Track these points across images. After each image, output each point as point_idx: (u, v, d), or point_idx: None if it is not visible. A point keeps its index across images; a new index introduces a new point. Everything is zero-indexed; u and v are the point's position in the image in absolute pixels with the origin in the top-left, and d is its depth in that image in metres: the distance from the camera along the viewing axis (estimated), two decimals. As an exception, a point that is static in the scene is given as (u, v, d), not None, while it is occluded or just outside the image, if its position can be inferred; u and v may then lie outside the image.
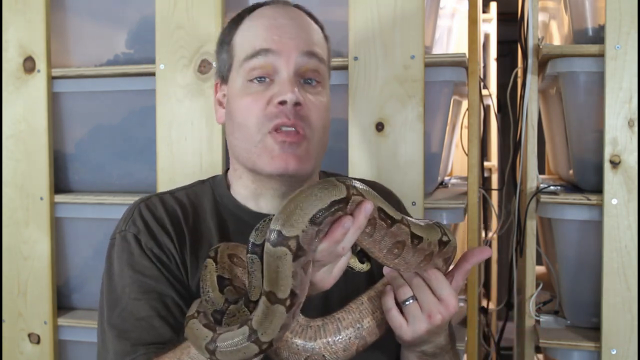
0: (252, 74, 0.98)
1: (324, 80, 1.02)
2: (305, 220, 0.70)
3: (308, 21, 1.04)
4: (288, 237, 0.70)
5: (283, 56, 0.97)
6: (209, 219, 1.04)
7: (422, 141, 1.45)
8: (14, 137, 1.67)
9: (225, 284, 0.83)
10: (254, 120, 0.97)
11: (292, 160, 0.96)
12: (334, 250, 0.75)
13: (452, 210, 1.53)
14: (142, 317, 0.94)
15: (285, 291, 0.72)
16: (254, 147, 0.98)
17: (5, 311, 1.69)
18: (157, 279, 0.97)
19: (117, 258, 1.00)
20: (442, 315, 0.85)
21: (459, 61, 1.51)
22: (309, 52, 0.99)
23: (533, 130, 1.57)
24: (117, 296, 0.97)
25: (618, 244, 1.40)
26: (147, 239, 0.99)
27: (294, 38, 0.98)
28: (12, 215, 1.67)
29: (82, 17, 1.72)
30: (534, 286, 1.56)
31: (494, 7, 2.99)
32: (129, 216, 1.03)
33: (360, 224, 0.74)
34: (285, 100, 0.95)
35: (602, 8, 1.44)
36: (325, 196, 0.71)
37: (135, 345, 0.92)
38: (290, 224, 0.70)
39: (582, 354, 1.48)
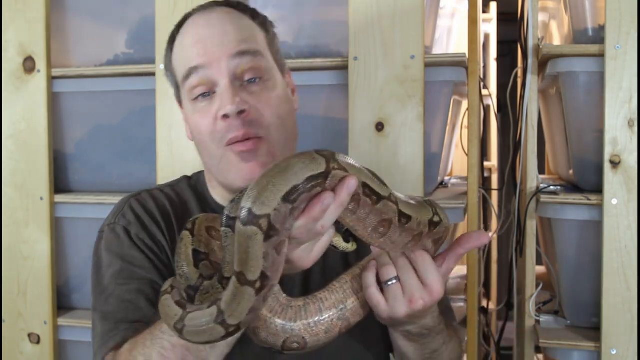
0: (194, 93, 0.98)
1: (268, 72, 1.00)
2: (278, 197, 0.65)
3: (235, 18, 1.01)
4: (259, 216, 0.65)
5: (213, 66, 0.96)
6: (196, 213, 1.05)
7: (422, 141, 1.45)
8: (14, 137, 1.66)
9: (200, 258, 0.79)
10: (208, 138, 0.98)
11: (257, 168, 0.95)
12: (312, 228, 0.70)
13: (452, 210, 1.52)
14: (128, 299, 0.94)
15: (255, 273, 0.67)
16: (219, 164, 0.99)
17: (5, 311, 1.69)
18: (147, 268, 0.98)
19: (106, 250, 1.00)
20: (424, 301, 0.81)
21: (459, 61, 1.51)
22: (239, 52, 0.97)
23: (533, 130, 1.57)
24: (104, 286, 0.98)
25: (618, 244, 1.40)
26: (138, 229, 1.00)
27: (217, 45, 0.97)
28: (12, 215, 1.67)
29: (82, 17, 1.72)
30: (534, 286, 1.56)
31: (494, 7, 2.99)
32: (119, 210, 1.04)
33: (342, 201, 0.68)
34: (227, 114, 0.94)
35: (602, 8, 1.44)
36: (301, 171, 0.66)
37: (118, 323, 0.92)
38: (262, 201, 0.65)
39: (582, 354, 1.48)
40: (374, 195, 0.71)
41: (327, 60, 1.51)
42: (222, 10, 1.02)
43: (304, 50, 1.57)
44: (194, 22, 1.02)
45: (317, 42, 1.58)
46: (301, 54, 1.56)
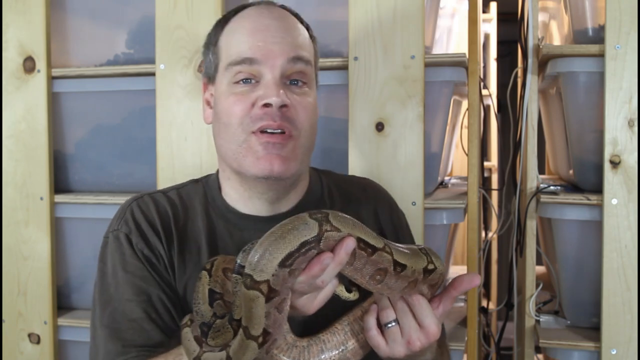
0: (238, 77, 0.98)
1: (310, 81, 1.03)
2: (274, 264, 0.71)
3: (293, 22, 1.03)
4: (259, 282, 0.72)
5: (267, 64, 0.97)
6: (199, 220, 1.04)
7: (422, 141, 1.45)
8: (14, 137, 1.66)
9: (215, 297, 0.84)
10: (238, 121, 0.97)
11: (276, 161, 0.95)
12: (313, 283, 0.75)
13: (452, 210, 1.53)
14: (134, 318, 0.95)
15: (258, 329, 0.74)
16: (238, 147, 0.98)
17: (5, 311, 1.69)
18: (147, 280, 0.98)
19: (110, 258, 1.00)
20: (421, 342, 0.85)
21: (459, 61, 1.51)
22: (295, 57, 0.98)
23: (533, 130, 1.57)
24: (109, 296, 0.98)
25: (618, 244, 1.40)
26: (137, 239, 1.00)
27: (278, 43, 0.98)
28: (12, 215, 1.67)
29: (82, 17, 1.72)
30: (534, 286, 1.56)
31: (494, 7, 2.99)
32: (122, 215, 1.04)
33: (340, 260, 0.74)
34: (270, 103, 0.95)
35: (602, 8, 1.44)
36: (294, 238, 0.72)
37: (126, 347, 0.93)
38: (260, 269, 0.71)
39: (582, 354, 1.48)
40: (369, 247, 0.77)
41: (327, 60, 1.51)
42: (282, 11, 1.04)
43: (304, 50, 1.57)
44: (257, 10, 1.02)
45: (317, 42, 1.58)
46: (301, 54, 1.56)
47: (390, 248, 0.79)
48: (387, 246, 0.79)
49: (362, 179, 1.23)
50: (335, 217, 0.74)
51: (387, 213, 1.15)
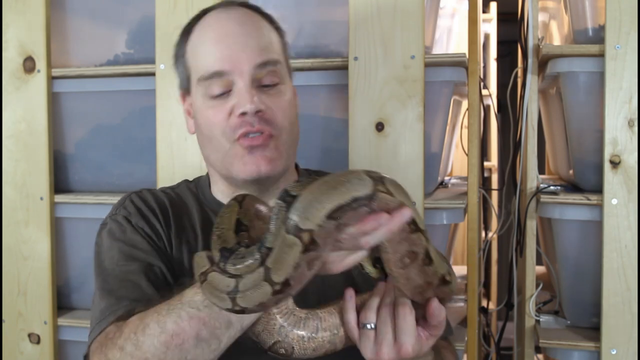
0: (212, 91, 1.00)
1: (282, 78, 1.03)
2: (322, 215, 0.67)
3: (256, 22, 1.03)
4: (302, 229, 0.67)
5: (235, 73, 0.98)
6: (194, 212, 1.08)
7: (422, 141, 1.45)
8: (14, 137, 1.66)
9: (242, 229, 0.81)
10: (219, 132, 1.00)
11: (262, 162, 0.99)
12: (357, 240, 0.72)
13: (452, 210, 1.53)
14: (129, 278, 0.95)
15: (281, 277, 0.70)
16: (225, 156, 1.01)
17: (5, 311, 1.69)
18: (147, 251, 0.99)
19: (108, 237, 1.02)
20: (389, 356, 0.81)
21: (459, 61, 1.51)
22: (262, 63, 0.99)
23: (533, 130, 1.57)
24: (104, 267, 0.98)
25: (618, 244, 1.40)
26: (138, 219, 1.02)
27: (244, 50, 0.99)
28: (12, 215, 1.67)
29: (82, 17, 1.72)
30: (534, 286, 1.56)
31: (494, 7, 2.98)
32: (121, 204, 1.07)
33: (394, 225, 0.71)
34: (245, 111, 0.97)
35: (602, 8, 1.44)
36: (347, 190, 0.68)
37: (119, 299, 0.92)
38: (306, 216, 0.67)
39: (582, 354, 1.48)
40: (412, 224, 0.74)
41: (327, 60, 1.51)
42: (244, 11, 1.04)
43: (304, 50, 1.57)
44: (216, 17, 1.03)
45: (317, 42, 1.58)
46: (301, 54, 1.56)
47: (428, 236, 0.77)
48: (427, 232, 0.77)
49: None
50: (390, 182, 0.72)
51: None
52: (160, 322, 0.80)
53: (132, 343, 0.81)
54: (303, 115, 1.57)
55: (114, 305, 0.91)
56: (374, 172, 0.71)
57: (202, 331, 0.79)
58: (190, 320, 0.79)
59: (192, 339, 0.79)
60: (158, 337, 0.79)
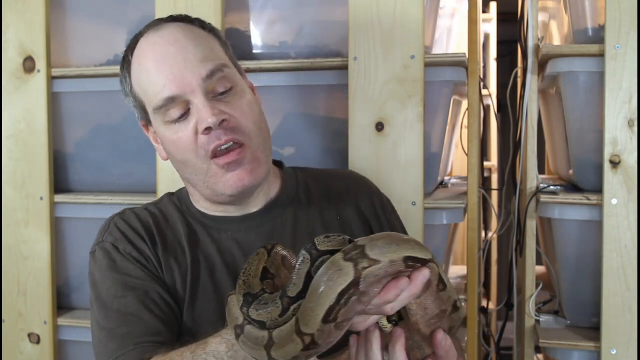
0: (170, 117, 0.98)
1: (235, 81, 1.01)
2: (318, 321, 0.69)
3: (190, 34, 1.01)
4: (304, 333, 0.70)
5: (187, 93, 0.96)
6: (179, 225, 1.07)
7: (422, 141, 1.45)
8: (14, 137, 1.66)
9: (268, 276, 0.81)
10: (192, 155, 0.99)
11: (245, 176, 0.98)
12: (382, 308, 0.73)
13: (452, 210, 1.53)
14: (130, 312, 0.95)
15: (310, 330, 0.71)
16: (205, 177, 1.00)
17: (5, 311, 1.69)
18: (142, 278, 0.99)
19: (99, 267, 1.02)
20: None
21: (459, 61, 1.51)
22: (209, 73, 0.97)
23: (533, 130, 1.57)
24: (103, 300, 0.98)
25: (618, 244, 1.40)
26: (125, 244, 1.02)
27: (187, 67, 0.96)
28: (12, 215, 1.67)
29: (82, 17, 1.72)
30: (534, 286, 1.56)
31: (494, 7, 2.98)
32: (105, 229, 1.06)
33: (416, 291, 0.72)
34: (208, 126, 0.95)
35: (602, 8, 1.44)
36: (331, 288, 0.68)
37: (124, 340, 0.92)
38: (305, 323, 0.70)
39: (582, 354, 1.48)
40: (418, 262, 0.73)
41: (327, 60, 1.51)
42: (174, 27, 1.01)
43: (304, 50, 1.57)
44: (150, 42, 1.00)
45: (317, 42, 1.58)
46: (301, 54, 1.56)
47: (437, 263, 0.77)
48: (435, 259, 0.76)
49: (343, 170, 1.23)
50: (377, 241, 0.70)
51: (367, 197, 1.14)
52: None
53: None
54: (303, 115, 1.58)
55: (122, 348, 0.91)
56: (352, 248, 0.69)
57: None
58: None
59: None
60: None
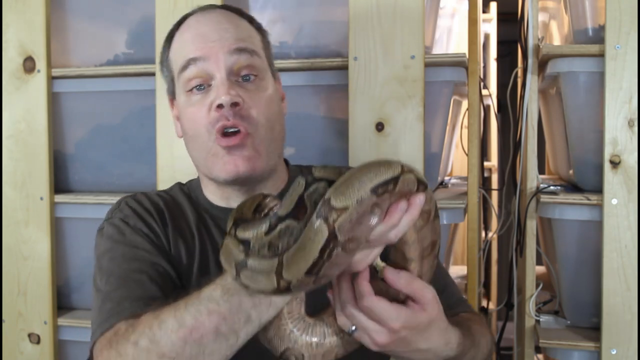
0: (190, 85, 1.02)
1: (262, 73, 1.04)
2: (367, 188, 0.69)
3: (233, 20, 1.05)
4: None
5: (212, 59, 1.00)
6: (188, 212, 1.08)
7: (422, 141, 1.45)
8: (14, 137, 1.66)
9: (259, 211, 0.82)
10: (202, 129, 1.01)
11: (240, 162, 0.99)
12: (386, 235, 0.73)
13: (452, 210, 1.53)
14: (131, 278, 0.94)
15: (289, 277, 0.70)
16: (207, 155, 1.02)
17: (5, 311, 1.69)
18: (149, 251, 0.99)
19: (107, 240, 1.02)
20: (385, 340, 0.79)
21: (459, 61, 1.51)
22: (237, 49, 1.00)
23: (533, 130, 1.57)
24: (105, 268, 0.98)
25: (618, 244, 1.40)
26: (135, 220, 1.03)
27: (218, 40, 1.01)
28: (12, 215, 1.67)
29: (82, 17, 1.72)
30: (534, 286, 1.56)
31: (494, 7, 2.98)
32: (116, 207, 1.07)
33: (416, 213, 0.74)
34: (221, 103, 0.98)
35: (602, 8, 1.44)
36: (311, 250, 0.68)
37: (122, 300, 0.91)
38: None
39: (582, 354, 1.48)
40: (389, 184, 0.73)
41: (327, 60, 1.51)
42: (221, 11, 1.07)
43: (304, 50, 1.57)
44: (195, 19, 1.06)
45: (317, 42, 1.58)
46: (301, 54, 1.56)
47: (421, 182, 0.78)
48: (418, 179, 0.78)
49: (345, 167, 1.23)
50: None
51: None
52: (178, 317, 0.79)
53: (147, 338, 0.79)
54: (303, 116, 1.58)
55: (117, 307, 0.90)
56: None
57: (221, 326, 0.79)
58: (210, 315, 0.78)
59: (211, 334, 0.78)
60: (176, 332, 0.79)
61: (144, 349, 0.79)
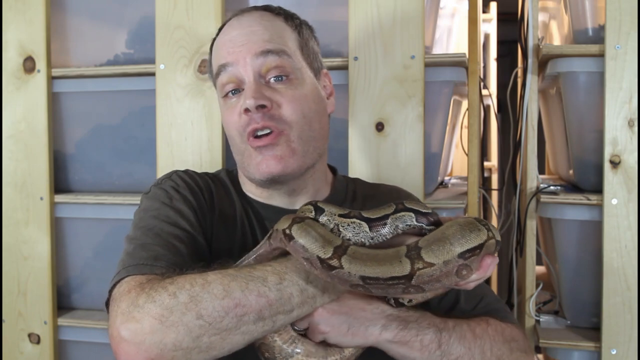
0: (225, 90, 1.04)
1: (295, 72, 1.03)
2: (457, 251, 0.74)
3: (265, 20, 1.05)
4: (425, 261, 0.74)
5: (240, 64, 1.01)
6: (235, 201, 1.08)
7: (422, 141, 1.45)
8: (14, 137, 1.66)
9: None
10: (235, 133, 1.02)
11: (272, 162, 0.99)
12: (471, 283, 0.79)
13: (452, 210, 1.52)
14: (171, 242, 0.92)
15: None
16: (242, 157, 1.03)
17: (5, 311, 1.69)
18: (193, 225, 0.97)
19: (152, 199, 1.00)
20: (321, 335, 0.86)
21: (459, 61, 1.51)
22: (262, 51, 1.00)
23: (533, 130, 1.57)
24: (145, 222, 0.96)
25: (618, 244, 1.40)
26: (186, 192, 1.02)
27: (245, 43, 1.01)
28: (12, 215, 1.67)
29: (82, 17, 1.72)
30: (534, 286, 1.56)
31: (494, 7, 2.98)
32: (166, 177, 1.06)
33: (485, 276, 0.79)
34: (247, 107, 0.98)
35: (602, 8, 1.44)
36: (475, 237, 0.74)
37: (157, 257, 0.88)
38: (433, 250, 0.74)
39: (582, 354, 1.48)
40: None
41: (327, 60, 1.51)
42: (256, 13, 1.06)
43: (304, 50, 1.57)
44: (229, 25, 1.07)
45: (317, 42, 1.58)
46: (301, 54, 1.56)
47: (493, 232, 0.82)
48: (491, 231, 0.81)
49: (389, 185, 1.23)
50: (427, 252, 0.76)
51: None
52: (225, 285, 0.78)
53: (188, 294, 0.77)
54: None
55: (152, 260, 0.87)
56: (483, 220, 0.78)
57: (265, 310, 0.79)
58: (259, 297, 0.78)
59: (254, 314, 0.79)
60: (221, 300, 0.77)
61: (182, 303, 0.77)
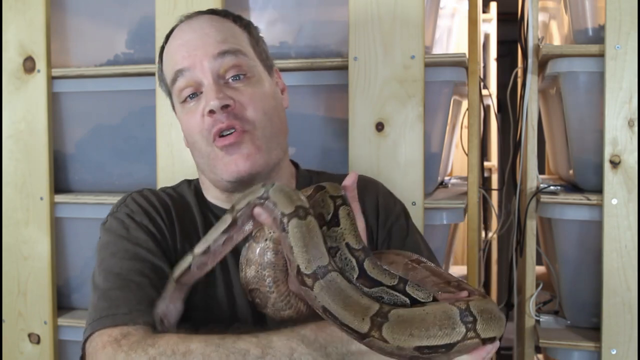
0: (182, 95, 1.03)
1: (252, 70, 1.04)
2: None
3: (216, 23, 1.06)
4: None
5: (197, 68, 1.01)
6: (195, 214, 1.08)
7: (422, 141, 1.45)
8: (14, 137, 1.66)
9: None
10: (198, 136, 1.02)
11: (240, 161, 0.99)
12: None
13: (452, 210, 1.53)
14: (131, 279, 0.93)
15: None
16: (208, 160, 1.03)
17: (5, 311, 1.69)
18: (152, 251, 0.98)
19: (109, 235, 1.01)
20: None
21: (459, 61, 1.51)
22: (219, 53, 1.01)
23: (533, 130, 1.57)
24: (105, 264, 0.97)
25: (618, 244, 1.40)
26: (141, 217, 1.02)
27: (199, 47, 1.02)
28: (12, 215, 1.67)
29: (82, 17, 1.72)
30: (534, 286, 1.56)
31: (494, 7, 2.99)
32: (122, 202, 1.06)
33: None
34: (211, 108, 0.98)
35: (602, 8, 1.44)
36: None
37: (117, 303, 0.90)
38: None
39: (582, 354, 1.48)
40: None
41: (327, 60, 1.51)
42: (205, 17, 1.07)
43: (304, 50, 1.57)
44: (179, 30, 1.07)
45: (317, 42, 1.58)
46: (301, 54, 1.56)
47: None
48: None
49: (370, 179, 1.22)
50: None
51: (373, 196, 1.13)
52: (206, 357, 0.79)
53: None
54: (303, 116, 1.58)
55: (114, 309, 0.89)
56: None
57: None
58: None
59: None
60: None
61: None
